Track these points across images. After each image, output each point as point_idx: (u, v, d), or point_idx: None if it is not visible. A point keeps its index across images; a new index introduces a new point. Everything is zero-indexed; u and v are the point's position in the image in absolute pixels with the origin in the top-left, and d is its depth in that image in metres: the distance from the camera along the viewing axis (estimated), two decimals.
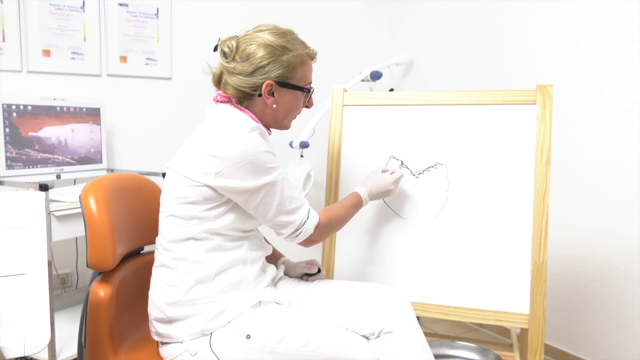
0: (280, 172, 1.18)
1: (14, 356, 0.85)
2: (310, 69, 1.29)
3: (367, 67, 2.84)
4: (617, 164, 1.92)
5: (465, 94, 1.58)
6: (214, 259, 1.17)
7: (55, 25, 2.17)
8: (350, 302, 1.26)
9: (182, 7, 2.47)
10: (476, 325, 2.57)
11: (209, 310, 1.15)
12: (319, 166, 2.77)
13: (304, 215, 1.21)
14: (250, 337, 1.14)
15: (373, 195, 1.42)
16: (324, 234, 1.26)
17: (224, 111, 1.22)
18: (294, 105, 1.28)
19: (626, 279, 1.92)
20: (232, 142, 1.12)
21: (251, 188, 1.13)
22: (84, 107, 2.09)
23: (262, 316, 1.18)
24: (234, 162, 1.11)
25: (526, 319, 1.42)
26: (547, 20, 2.15)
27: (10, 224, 1.00)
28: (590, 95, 2.00)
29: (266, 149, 1.16)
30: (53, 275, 2.17)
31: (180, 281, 1.16)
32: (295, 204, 1.20)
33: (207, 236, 1.17)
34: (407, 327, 1.19)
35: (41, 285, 0.94)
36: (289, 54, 1.21)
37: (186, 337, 1.15)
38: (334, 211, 1.30)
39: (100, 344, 1.18)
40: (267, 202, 1.16)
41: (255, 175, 1.13)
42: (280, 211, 1.18)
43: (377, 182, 1.43)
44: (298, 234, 1.21)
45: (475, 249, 1.50)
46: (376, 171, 1.47)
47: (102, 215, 1.19)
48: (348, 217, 1.34)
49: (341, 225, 1.33)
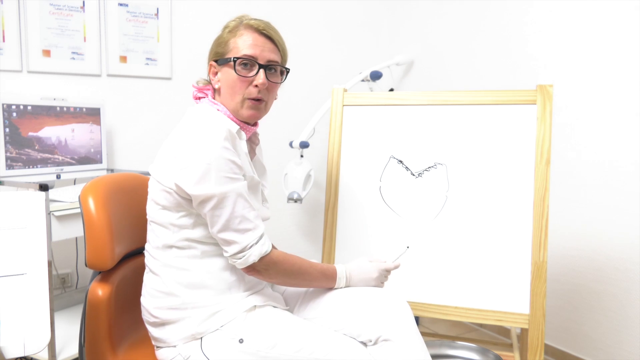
0: (238, 187, 1.10)
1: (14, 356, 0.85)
2: (249, 39, 1.17)
3: (367, 67, 2.83)
4: (617, 164, 1.92)
5: (465, 94, 1.58)
6: (200, 266, 1.15)
7: (55, 25, 2.17)
8: (347, 306, 1.22)
9: (182, 7, 2.47)
10: (476, 325, 2.57)
11: (199, 313, 1.14)
12: (319, 166, 2.77)
13: (253, 240, 1.11)
14: (243, 342, 1.12)
15: (352, 279, 1.27)
16: (270, 270, 1.15)
17: (199, 111, 1.19)
18: (230, 81, 1.17)
19: (626, 279, 1.91)
20: (194, 143, 1.09)
21: (201, 195, 1.08)
22: (84, 107, 2.09)
23: (256, 320, 1.16)
24: (191, 163, 1.08)
25: (526, 319, 1.42)
26: (548, 21, 2.14)
27: (10, 224, 1.00)
28: (590, 95, 2.00)
29: (228, 156, 1.09)
30: (53, 275, 2.17)
31: (169, 288, 1.15)
32: (245, 225, 1.11)
33: (189, 244, 1.15)
34: (405, 334, 1.15)
35: (41, 285, 0.94)
36: (224, 30, 1.21)
37: (178, 340, 1.15)
38: (295, 259, 1.20)
39: (98, 343, 1.19)
40: (217, 214, 1.09)
41: (208, 181, 1.07)
42: (227, 227, 1.10)
43: (360, 267, 1.29)
44: (241, 256, 1.11)
45: (475, 249, 1.50)
46: (365, 259, 1.32)
47: (100, 215, 1.19)
48: (309, 278, 1.22)
49: (296, 278, 1.20)
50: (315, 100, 2.80)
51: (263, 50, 1.18)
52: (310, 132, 2.43)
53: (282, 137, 2.72)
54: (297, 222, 2.91)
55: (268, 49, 1.19)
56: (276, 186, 2.65)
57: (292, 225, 2.90)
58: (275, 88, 1.23)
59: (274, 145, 2.69)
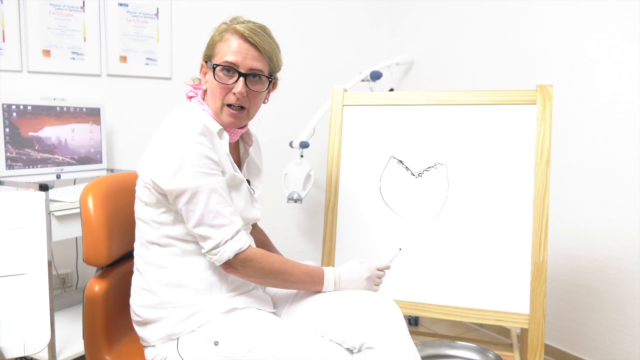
0: (212, 182, 1.09)
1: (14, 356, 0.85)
2: (231, 46, 1.15)
3: (367, 67, 2.83)
4: (617, 164, 1.92)
5: (465, 94, 1.58)
6: (181, 265, 1.15)
7: (55, 25, 2.17)
8: (333, 311, 1.16)
9: (182, 7, 2.47)
10: (476, 325, 2.57)
11: (177, 313, 1.13)
12: (319, 166, 2.77)
13: (228, 236, 1.09)
14: (218, 344, 1.10)
15: (342, 281, 1.22)
16: (247, 267, 1.12)
17: (182, 110, 1.19)
18: (212, 86, 1.17)
19: (626, 279, 1.91)
20: (169, 139, 1.10)
21: (175, 189, 1.08)
22: (84, 107, 2.09)
23: (234, 323, 1.13)
24: (166, 158, 1.09)
25: (526, 319, 1.42)
26: (548, 21, 2.14)
27: (10, 224, 1.00)
28: (590, 95, 2.00)
29: (202, 151, 1.08)
30: (53, 275, 2.17)
31: (149, 286, 1.16)
32: (220, 220, 1.09)
33: (170, 242, 1.15)
34: (390, 342, 1.08)
35: (41, 285, 0.94)
36: (214, 32, 1.20)
37: (157, 340, 1.15)
38: (275, 258, 1.16)
39: (95, 336, 1.21)
40: (191, 209, 1.08)
41: (182, 175, 1.07)
42: (202, 222, 1.09)
43: (351, 269, 1.24)
44: (216, 252, 1.09)
45: (475, 249, 1.50)
46: (356, 261, 1.27)
47: (97, 213, 1.22)
48: (291, 278, 1.18)
49: (275, 278, 1.16)
50: (315, 100, 2.80)
51: (245, 58, 1.15)
52: (310, 132, 2.43)
53: (282, 137, 2.72)
54: (297, 222, 2.91)
55: (251, 57, 1.15)
56: (276, 186, 2.65)
57: (292, 225, 2.90)
58: (258, 96, 1.20)
59: (274, 145, 2.69)
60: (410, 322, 2.59)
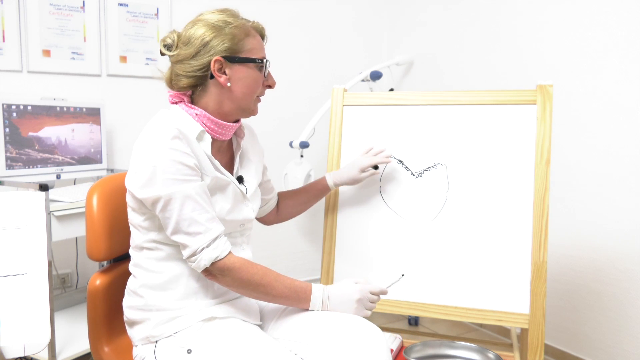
0: (186, 188, 1.06)
1: (14, 356, 0.85)
2: (260, 42, 1.19)
3: (367, 67, 2.84)
4: (617, 164, 1.92)
5: (465, 94, 1.58)
6: (166, 268, 1.14)
7: (55, 25, 2.17)
8: (315, 334, 1.11)
9: (182, 7, 2.47)
10: (476, 325, 2.57)
11: (158, 316, 1.13)
12: (319, 166, 2.77)
13: (204, 244, 1.07)
14: (190, 352, 1.08)
15: (331, 301, 1.17)
16: (226, 276, 1.09)
17: (163, 114, 1.17)
18: (251, 81, 1.16)
19: (626, 279, 1.91)
20: (142, 146, 1.09)
21: (149, 198, 1.06)
22: (84, 107, 2.09)
23: (211, 333, 1.11)
24: (138, 167, 1.08)
25: (526, 319, 1.42)
26: (548, 21, 2.15)
27: (10, 224, 1.00)
28: (590, 95, 2.00)
29: (174, 157, 1.05)
30: (53, 275, 2.17)
31: (136, 288, 1.16)
32: (195, 228, 1.06)
33: (156, 246, 1.14)
34: None
35: (41, 285, 0.94)
36: (230, 27, 1.14)
37: (138, 341, 1.15)
38: (257, 269, 1.12)
39: (96, 329, 1.26)
40: (166, 216, 1.07)
41: (155, 184, 1.05)
42: (178, 230, 1.07)
43: (342, 288, 1.19)
44: (194, 260, 1.07)
45: (475, 249, 1.50)
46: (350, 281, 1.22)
47: (100, 210, 1.26)
48: (273, 292, 1.13)
49: (255, 290, 1.12)
50: (315, 100, 2.80)
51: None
52: (310, 132, 2.43)
53: (282, 137, 2.72)
54: (297, 222, 2.91)
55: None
56: (276, 186, 2.65)
57: (292, 225, 2.90)
58: None
59: (274, 145, 2.69)
60: (410, 322, 2.59)
